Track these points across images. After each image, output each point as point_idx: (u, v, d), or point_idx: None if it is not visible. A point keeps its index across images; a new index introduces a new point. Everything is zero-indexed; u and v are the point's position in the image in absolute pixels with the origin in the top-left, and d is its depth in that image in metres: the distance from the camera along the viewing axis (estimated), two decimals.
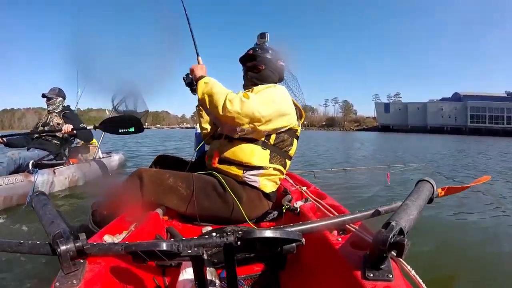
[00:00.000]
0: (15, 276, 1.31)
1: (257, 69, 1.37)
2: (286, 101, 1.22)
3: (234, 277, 0.62)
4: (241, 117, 1.06)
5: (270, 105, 1.12)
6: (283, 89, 1.27)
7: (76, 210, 2.36)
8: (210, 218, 1.18)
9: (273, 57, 1.38)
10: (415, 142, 16.35)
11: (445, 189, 1.00)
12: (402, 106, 58.83)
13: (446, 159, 7.51)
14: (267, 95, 1.16)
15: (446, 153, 9.42)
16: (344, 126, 77.97)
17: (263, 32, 1.43)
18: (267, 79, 1.36)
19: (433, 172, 4.95)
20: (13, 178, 2.25)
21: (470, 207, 2.71)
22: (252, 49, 1.41)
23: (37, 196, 0.78)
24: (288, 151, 1.28)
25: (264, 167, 1.20)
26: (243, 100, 1.06)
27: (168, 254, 0.56)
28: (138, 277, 0.78)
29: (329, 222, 0.78)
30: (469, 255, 1.70)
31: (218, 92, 1.10)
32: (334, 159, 7.16)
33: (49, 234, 0.60)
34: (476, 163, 6.56)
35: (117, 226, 0.93)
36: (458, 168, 5.69)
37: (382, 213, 0.82)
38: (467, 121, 49.06)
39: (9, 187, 2.19)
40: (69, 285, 0.56)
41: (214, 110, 1.10)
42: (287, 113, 1.21)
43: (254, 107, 1.07)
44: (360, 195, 3.09)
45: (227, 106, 1.05)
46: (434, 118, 52.79)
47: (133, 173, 1.17)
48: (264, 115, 1.10)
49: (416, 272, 0.55)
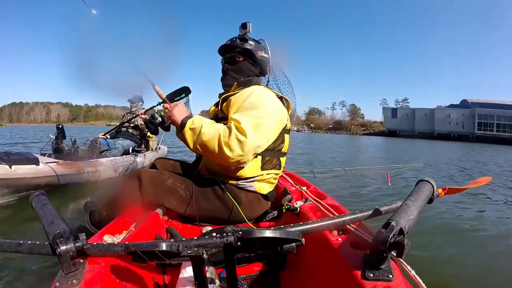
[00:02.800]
0: (15, 276, 1.31)
1: (234, 61, 1.27)
2: (275, 105, 1.13)
3: (234, 277, 0.62)
4: (245, 157, 0.99)
5: (266, 127, 1.04)
6: (263, 91, 1.17)
7: None
8: (209, 219, 1.18)
9: (253, 48, 1.27)
10: (424, 148, 16.03)
11: (445, 190, 1.00)
12: (410, 111, 58.69)
13: (451, 162, 7.48)
14: (257, 113, 1.04)
15: (452, 158, 9.38)
16: (351, 130, 78.05)
17: (245, 22, 1.33)
18: (245, 71, 1.27)
19: (433, 172, 4.95)
20: (127, 158, 3.63)
21: (471, 207, 2.71)
22: (230, 39, 1.31)
23: (37, 196, 0.78)
24: (281, 149, 1.21)
25: (257, 175, 1.16)
26: (241, 140, 0.96)
27: (168, 254, 0.56)
28: (138, 277, 0.78)
29: (329, 222, 0.78)
30: (469, 255, 1.71)
31: (209, 139, 0.99)
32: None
33: (49, 234, 0.60)
34: (481, 168, 6.52)
35: (117, 226, 0.93)
36: (461, 170, 5.69)
37: (382, 213, 0.82)
38: (475, 128, 48.72)
39: (124, 163, 3.55)
40: (69, 285, 0.56)
41: (212, 157, 1.04)
42: (280, 118, 1.14)
43: (255, 142, 0.99)
44: (360, 195, 3.09)
45: (227, 153, 0.97)
46: (441, 125, 52.62)
47: (133, 173, 1.17)
48: (266, 140, 1.05)
49: (416, 272, 0.55)
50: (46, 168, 2.56)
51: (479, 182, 1.28)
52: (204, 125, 1.03)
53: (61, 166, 2.72)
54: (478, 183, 1.28)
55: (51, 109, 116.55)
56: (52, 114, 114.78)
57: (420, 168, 4.38)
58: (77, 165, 2.89)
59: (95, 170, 3.07)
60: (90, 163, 3.05)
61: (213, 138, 0.99)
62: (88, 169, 2.97)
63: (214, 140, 0.99)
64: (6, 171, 2.23)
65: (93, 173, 3.05)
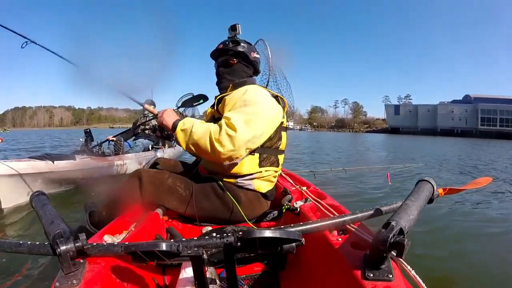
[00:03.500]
0: (15, 276, 1.30)
1: (229, 64, 1.29)
2: (268, 102, 1.13)
3: (234, 277, 0.62)
4: (237, 152, 0.99)
5: (258, 122, 1.03)
6: (257, 90, 1.17)
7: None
8: (209, 219, 1.18)
9: (246, 50, 1.29)
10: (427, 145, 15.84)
11: (445, 190, 1.00)
12: (412, 108, 58.30)
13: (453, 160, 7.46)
14: (249, 109, 1.04)
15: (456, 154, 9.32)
16: (354, 127, 77.91)
17: (234, 24, 1.34)
18: (240, 73, 1.29)
19: (434, 171, 4.94)
20: (148, 153, 4.13)
21: (471, 207, 2.71)
22: (222, 43, 1.32)
23: (37, 196, 0.78)
24: (278, 146, 1.22)
25: (255, 172, 1.17)
26: (231, 135, 0.97)
27: (168, 254, 0.56)
28: (138, 277, 0.78)
29: (329, 222, 0.78)
30: (469, 255, 1.70)
31: (200, 137, 1.00)
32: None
33: (49, 234, 0.60)
34: (484, 165, 6.48)
35: (117, 226, 0.93)
36: (464, 168, 5.67)
37: (382, 213, 0.82)
38: (478, 123, 48.33)
39: (147, 157, 3.97)
40: (69, 285, 0.56)
41: (205, 155, 1.04)
42: (274, 116, 1.13)
43: (246, 136, 0.98)
44: (360, 195, 3.09)
45: (218, 149, 0.97)
46: (444, 121, 52.23)
47: (133, 173, 1.17)
48: (258, 135, 1.04)
49: (416, 272, 0.55)
50: (82, 162, 3.00)
51: (479, 183, 1.28)
52: (195, 125, 1.04)
53: (94, 161, 3.16)
54: (478, 183, 1.28)
55: (54, 113, 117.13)
56: (55, 118, 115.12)
57: (421, 168, 4.37)
58: (107, 159, 3.36)
59: (123, 163, 3.51)
60: (118, 157, 3.55)
61: (204, 136, 1.00)
62: (116, 163, 3.42)
63: (205, 138, 1.00)
64: (50, 166, 2.68)
65: (121, 166, 3.48)
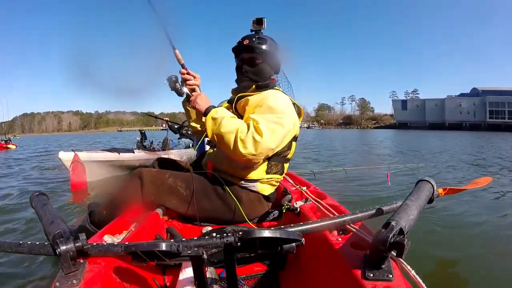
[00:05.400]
0: (15, 276, 1.31)
1: (254, 63, 1.23)
2: (292, 114, 1.14)
3: (234, 277, 0.62)
4: (257, 158, 1.01)
5: (280, 132, 1.05)
6: (283, 98, 1.17)
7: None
8: (210, 219, 1.18)
9: (272, 50, 1.23)
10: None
11: (445, 190, 1.00)
12: (420, 102, 58.00)
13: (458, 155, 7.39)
14: (275, 118, 1.05)
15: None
16: (361, 124, 77.60)
17: (260, 18, 1.24)
18: (263, 74, 1.25)
19: (437, 170, 4.92)
20: (189, 150, 5.21)
21: (472, 206, 2.70)
22: (248, 38, 1.24)
23: (37, 196, 0.78)
24: (287, 155, 1.24)
25: (261, 178, 1.19)
26: (257, 140, 0.98)
27: (168, 254, 0.56)
28: (138, 277, 0.78)
29: (329, 222, 0.78)
30: (469, 254, 1.70)
31: (227, 131, 1.02)
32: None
33: (49, 234, 0.60)
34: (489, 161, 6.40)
35: (117, 226, 0.93)
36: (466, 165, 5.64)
37: (382, 213, 0.82)
38: (486, 116, 47.89)
39: (187, 153, 5.04)
40: (69, 285, 0.56)
41: (226, 150, 1.05)
42: (292, 129, 1.16)
43: (269, 145, 1.00)
44: (360, 195, 3.08)
45: (240, 149, 0.98)
46: (452, 115, 51.85)
47: (133, 173, 1.17)
48: (278, 145, 1.07)
49: (416, 272, 0.55)
50: (139, 154, 4.48)
51: (479, 183, 1.28)
52: (225, 118, 1.06)
53: (147, 154, 4.57)
54: (478, 183, 1.28)
55: (62, 118, 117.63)
56: (63, 122, 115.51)
57: (421, 168, 4.37)
58: (156, 153, 4.71)
59: (168, 157, 4.09)
60: (165, 152, 4.81)
61: (231, 131, 1.01)
62: (164, 156, 4.25)
63: (231, 134, 1.01)
64: (117, 156, 4.15)
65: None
